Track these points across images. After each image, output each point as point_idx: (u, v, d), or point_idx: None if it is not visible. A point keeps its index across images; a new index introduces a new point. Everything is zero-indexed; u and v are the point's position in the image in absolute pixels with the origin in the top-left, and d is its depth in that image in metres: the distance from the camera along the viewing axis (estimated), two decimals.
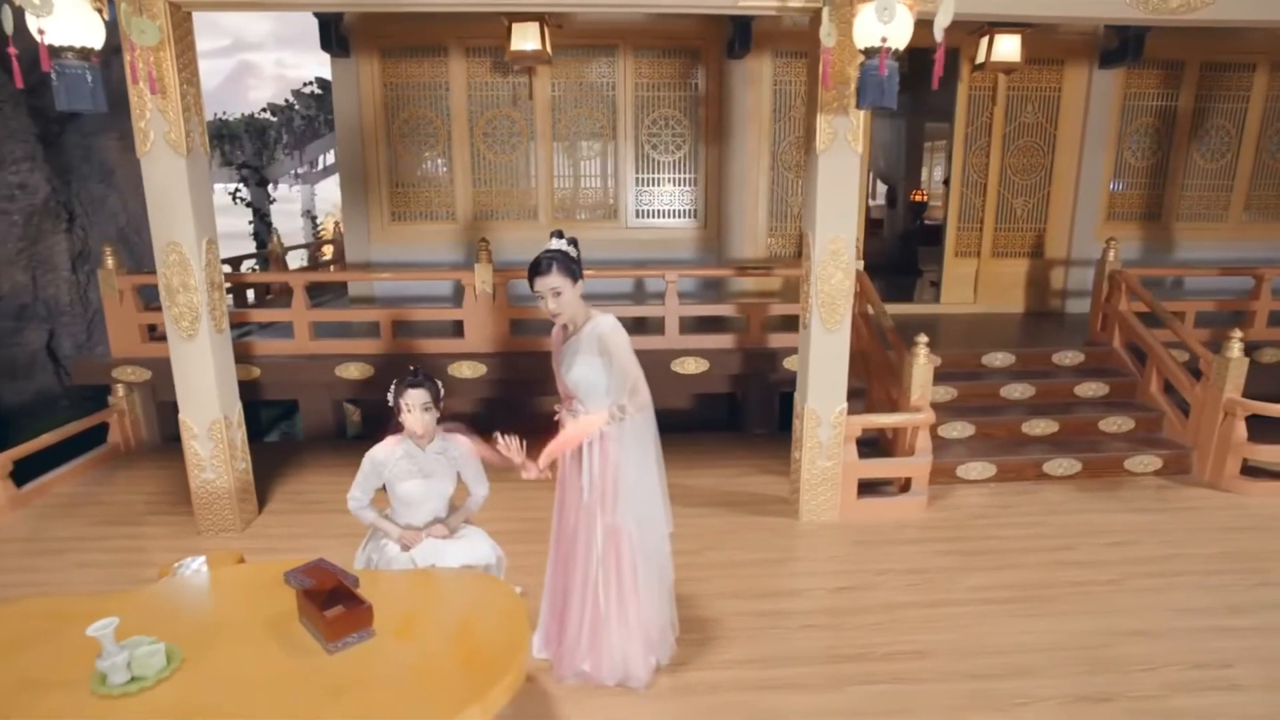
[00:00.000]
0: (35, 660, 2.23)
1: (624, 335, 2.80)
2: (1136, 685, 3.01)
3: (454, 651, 2.33)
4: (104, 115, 9.05)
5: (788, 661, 3.15)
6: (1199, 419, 5.23)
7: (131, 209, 9.11)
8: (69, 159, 8.49)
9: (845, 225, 4.08)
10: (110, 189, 9.13)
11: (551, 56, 6.04)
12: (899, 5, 3.16)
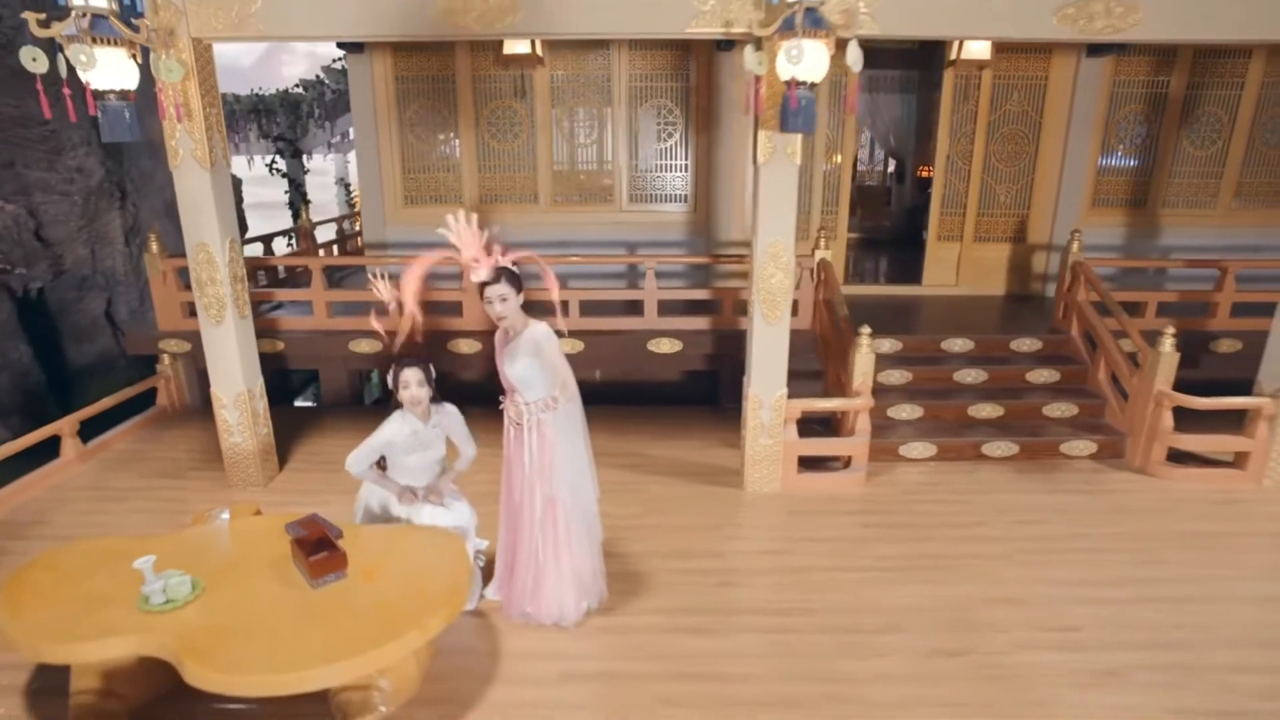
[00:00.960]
0: (96, 585, 2.97)
1: (555, 340, 3.40)
2: (987, 643, 3.57)
3: (406, 591, 3.01)
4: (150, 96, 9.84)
5: (697, 611, 3.79)
6: (1134, 407, 5.62)
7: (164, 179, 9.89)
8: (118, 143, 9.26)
9: (784, 230, 4.55)
10: (157, 164, 9.91)
11: (544, 58, 6.49)
12: (808, 46, 3.58)
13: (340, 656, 2.64)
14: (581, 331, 6.28)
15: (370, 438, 3.50)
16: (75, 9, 3.54)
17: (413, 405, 3.47)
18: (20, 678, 3.23)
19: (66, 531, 4.48)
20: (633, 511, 4.83)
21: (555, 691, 3.23)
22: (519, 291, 3.39)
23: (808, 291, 6.42)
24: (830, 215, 8.04)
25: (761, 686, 3.28)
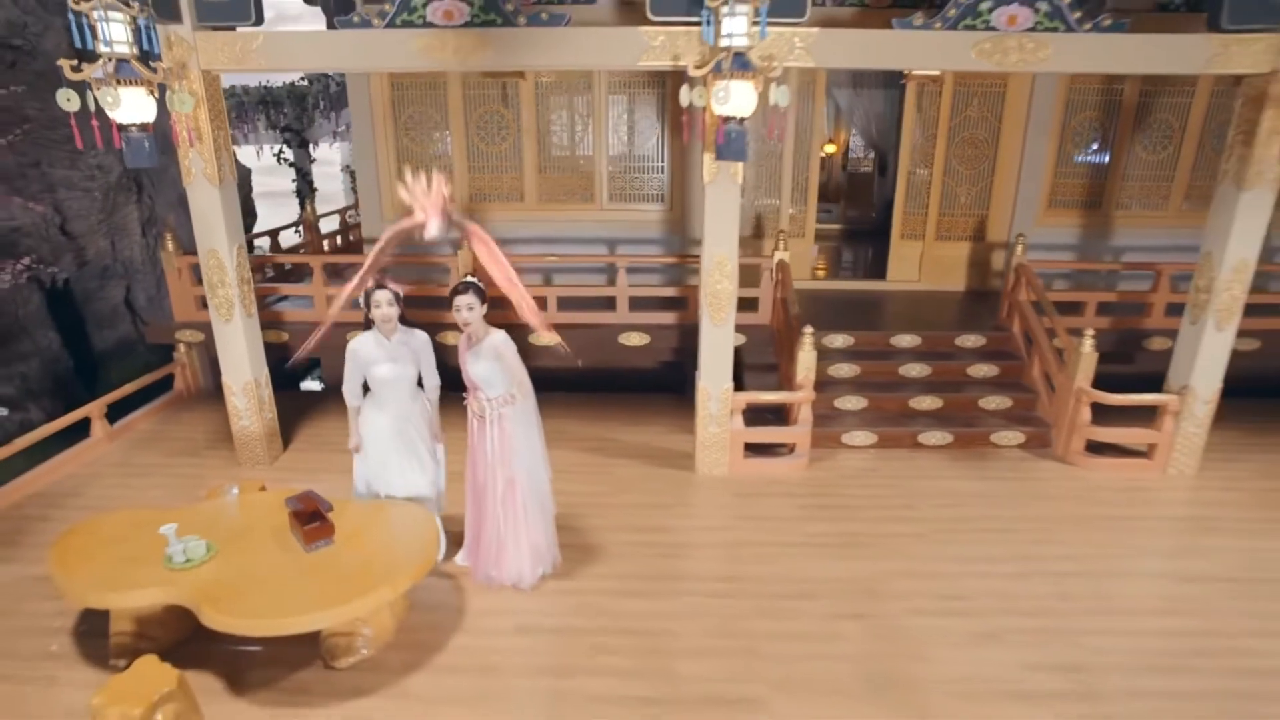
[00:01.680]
0: (128, 548, 3.60)
1: (513, 345, 3.99)
2: (885, 609, 4.16)
3: (382, 555, 3.63)
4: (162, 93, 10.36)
5: (640, 578, 4.39)
6: (1058, 402, 6.15)
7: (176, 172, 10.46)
8: None
9: (728, 243, 5.10)
10: (171, 159, 10.46)
11: (525, 71, 6.97)
12: (734, 87, 4.09)
13: (328, 606, 3.27)
14: (558, 325, 6.82)
15: (348, 359, 4.09)
16: (103, 55, 4.08)
17: (384, 323, 4.06)
18: (69, 622, 3.88)
19: (98, 503, 5.13)
20: (595, 490, 5.44)
21: (510, 641, 3.86)
22: (483, 302, 3.97)
23: (768, 290, 6.94)
24: (799, 213, 8.52)
25: (686, 641, 3.89)
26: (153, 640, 3.58)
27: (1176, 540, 4.99)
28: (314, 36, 4.94)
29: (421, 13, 4.75)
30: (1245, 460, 6.08)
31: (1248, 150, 5.06)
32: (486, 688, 3.54)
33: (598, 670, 3.66)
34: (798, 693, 3.52)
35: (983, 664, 3.74)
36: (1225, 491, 5.61)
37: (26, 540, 4.67)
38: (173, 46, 4.69)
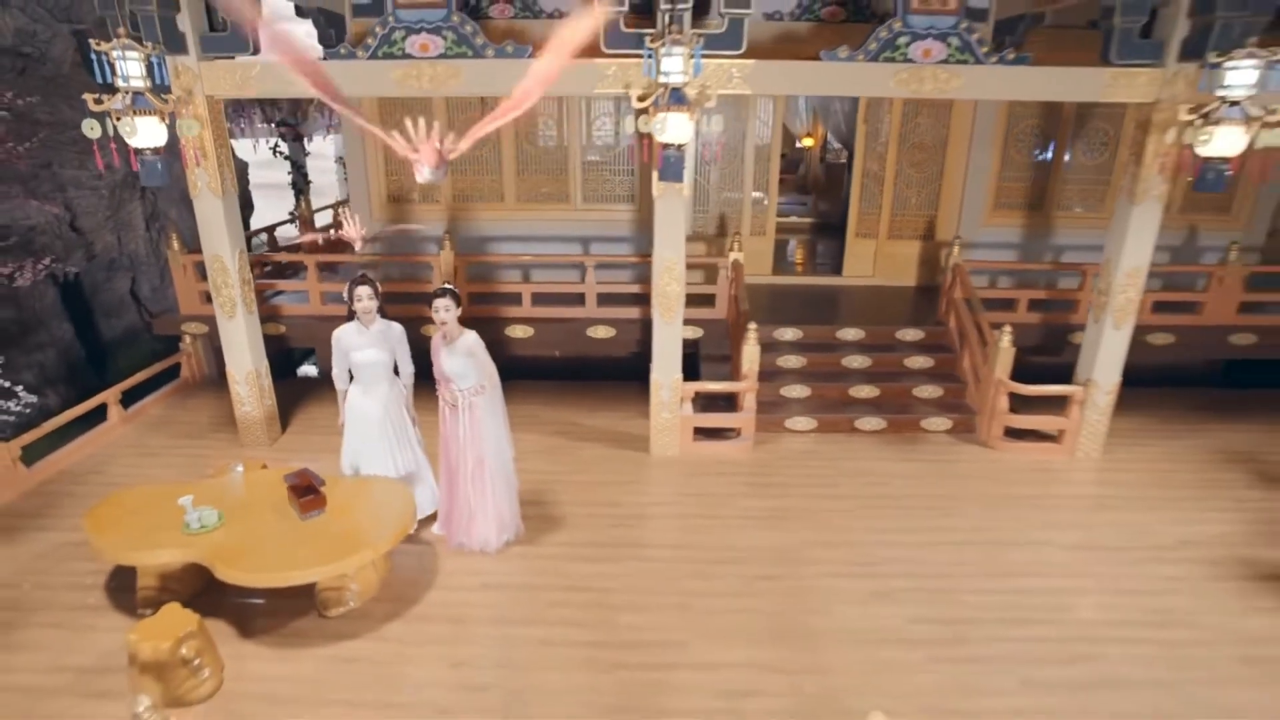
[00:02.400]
0: (149, 517, 4.26)
1: (483, 344, 4.62)
2: (800, 573, 4.84)
3: (366, 523, 4.30)
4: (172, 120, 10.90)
5: (591, 545, 5.08)
6: (981, 391, 6.81)
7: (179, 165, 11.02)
8: None
9: (676, 249, 5.72)
10: (173, 157, 11.01)
11: None
12: (671, 119, 4.71)
13: (320, 564, 3.95)
14: (532, 319, 7.50)
15: (334, 346, 4.75)
16: (121, 90, 4.68)
17: (364, 314, 4.70)
18: (101, 579, 4.56)
19: (118, 479, 5.79)
20: (560, 469, 6.11)
21: (476, 596, 4.54)
22: (459, 306, 4.60)
23: (724, 288, 7.57)
24: (761, 213, 9.12)
25: (626, 597, 4.58)
26: (173, 593, 4.25)
27: (1067, 515, 5.68)
28: None
29: (401, 45, 5.34)
30: (1148, 444, 6.76)
31: (1137, 169, 5.70)
32: (455, 633, 4.23)
33: (549, 621, 4.35)
34: (714, 639, 4.21)
35: (874, 618, 4.44)
36: (1123, 472, 6.30)
37: (59, 512, 5.34)
38: (180, 75, 5.27)
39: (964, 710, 3.78)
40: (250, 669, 3.91)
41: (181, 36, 5.20)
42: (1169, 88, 5.39)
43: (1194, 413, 7.41)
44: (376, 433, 4.82)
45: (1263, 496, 5.88)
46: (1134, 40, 5.38)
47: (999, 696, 3.87)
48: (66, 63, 9.25)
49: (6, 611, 4.34)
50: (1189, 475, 6.22)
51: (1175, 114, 5.20)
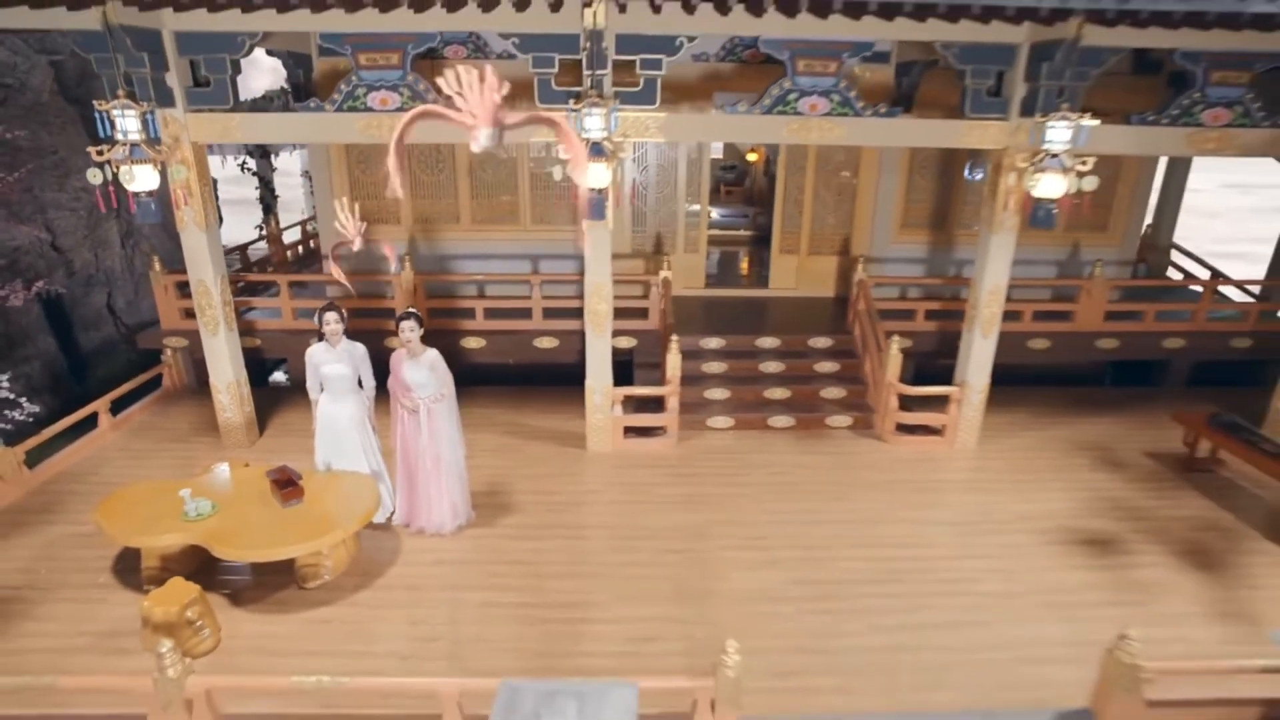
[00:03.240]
0: (152, 508, 5.07)
1: (443, 359, 5.49)
2: (703, 546, 5.81)
3: (337, 510, 5.15)
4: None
5: (528, 527, 5.99)
6: (877, 392, 7.87)
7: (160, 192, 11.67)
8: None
9: (602, 275, 6.65)
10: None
11: None
12: (591, 168, 5.63)
13: (299, 542, 4.80)
14: (484, 331, 8.38)
15: (307, 362, 5.60)
16: (120, 142, 5.46)
17: (332, 335, 5.53)
18: (108, 563, 5.35)
19: (112, 479, 6.53)
20: (508, 464, 7.01)
21: (430, 570, 5.43)
22: (421, 327, 5.47)
23: (656, 302, 8.52)
24: (694, 232, 10.10)
25: (556, 568, 5.50)
26: (173, 572, 5.04)
27: (937, 496, 6.73)
28: (280, 117, 6.35)
29: (363, 100, 6.19)
30: (1017, 436, 7.87)
31: (993, 203, 6.78)
32: (413, 599, 5.11)
33: (491, 587, 5.26)
34: (626, 600, 5.16)
35: (760, 581, 5.42)
36: (991, 460, 7.39)
37: (63, 507, 6.10)
38: (168, 124, 6.05)
39: (821, 648, 4.77)
40: (242, 629, 4.75)
41: (170, 92, 5.98)
42: (1014, 138, 6.47)
43: (1063, 408, 8.55)
44: (344, 435, 5.67)
45: (1098, 478, 7.01)
46: (984, 98, 6.45)
47: (850, 638, 4.88)
48: (45, 91, 9.88)
49: (28, 590, 5.11)
50: (1044, 462, 7.34)
51: (1015, 160, 6.31)
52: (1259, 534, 6.13)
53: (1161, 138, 6.70)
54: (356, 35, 5.96)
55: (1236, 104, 6.59)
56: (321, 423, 5.71)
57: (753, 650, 4.15)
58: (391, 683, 4.03)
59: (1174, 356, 9.39)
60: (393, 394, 5.61)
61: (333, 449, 5.73)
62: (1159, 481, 7.00)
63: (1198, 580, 5.53)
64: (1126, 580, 5.53)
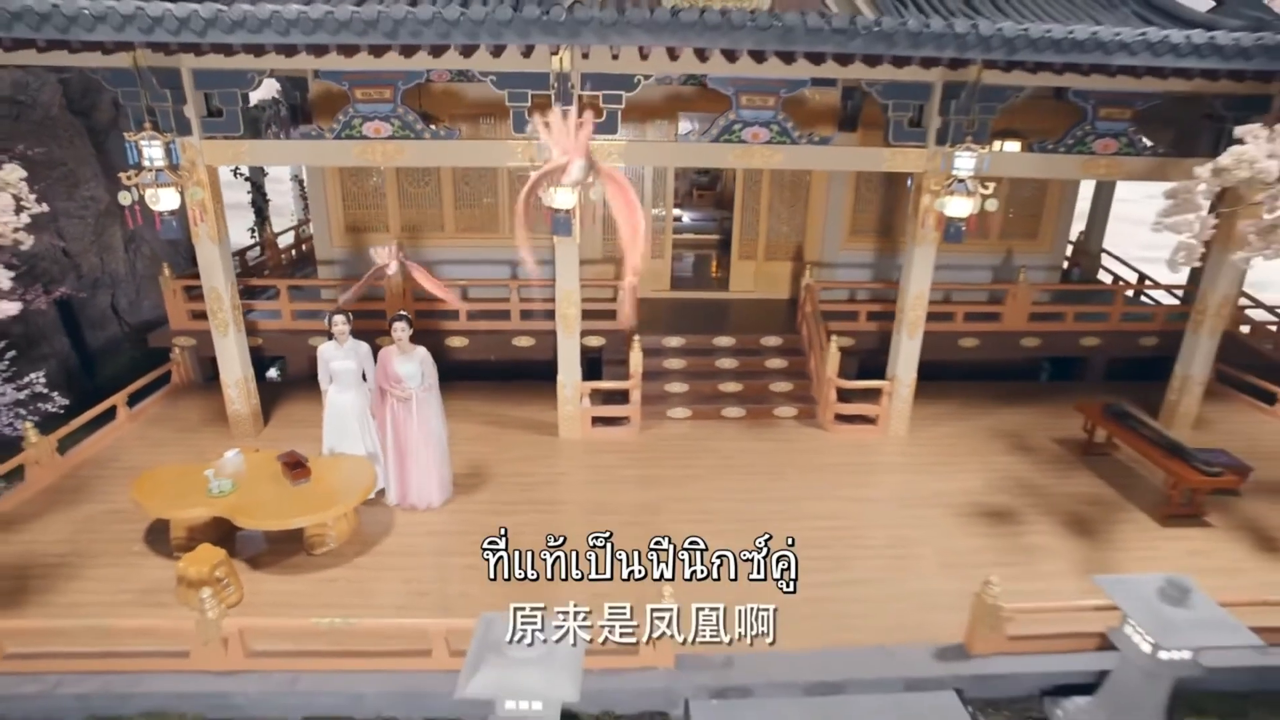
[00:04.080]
0: (180, 487, 5.92)
1: (430, 356, 6.36)
2: (657, 519, 6.72)
3: (338, 487, 6.02)
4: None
5: (505, 503, 6.88)
6: (818, 385, 8.81)
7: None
8: (113, 162, 11.76)
9: (571, 283, 7.53)
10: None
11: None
12: (558, 193, 6.50)
13: (307, 514, 5.66)
14: (467, 331, 9.23)
15: (319, 359, 6.45)
16: (145, 169, 6.25)
17: (339, 335, 6.39)
18: (139, 536, 6.17)
19: (133, 463, 7.32)
20: (488, 450, 7.88)
21: (421, 539, 6.31)
22: (411, 327, 6.33)
23: (623, 306, 9.41)
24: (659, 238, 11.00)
25: (528, 537, 6.33)
26: (199, 541, 5.88)
27: (865, 477, 7.70)
28: (284, 144, 7.16)
29: (359, 129, 7.02)
30: (944, 425, 8.85)
31: (915, 221, 7.73)
32: (406, 563, 5.99)
33: (472, 554, 6.05)
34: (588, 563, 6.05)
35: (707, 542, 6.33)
36: (917, 445, 8.37)
37: (94, 489, 6.90)
38: (185, 150, 6.84)
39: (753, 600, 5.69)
40: (261, 588, 5.61)
41: (187, 121, 6.77)
42: (931, 164, 7.41)
43: (989, 400, 9.55)
44: (348, 421, 6.52)
45: (1009, 461, 8.01)
46: (905, 128, 7.38)
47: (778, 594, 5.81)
48: (54, 106, 10.58)
49: (73, 557, 5.94)
50: (964, 447, 8.32)
51: (931, 183, 7.27)
52: (1134, 506, 7.15)
53: (1059, 163, 7.68)
54: (353, 73, 6.78)
55: (1122, 135, 7.59)
56: (330, 411, 6.56)
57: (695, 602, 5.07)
58: (390, 624, 4.92)
59: (1092, 354, 10.41)
60: (379, 387, 6.46)
61: (337, 434, 6.58)
62: (1059, 463, 8.01)
63: (1075, 544, 6.53)
64: (1016, 545, 6.52)
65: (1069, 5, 9.84)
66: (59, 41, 5.75)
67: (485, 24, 5.83)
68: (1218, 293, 8.31)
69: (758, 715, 4.80)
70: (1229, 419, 9.19)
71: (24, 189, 5.58)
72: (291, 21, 5.68)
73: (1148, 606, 4.45)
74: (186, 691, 4.71)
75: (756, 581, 5.78)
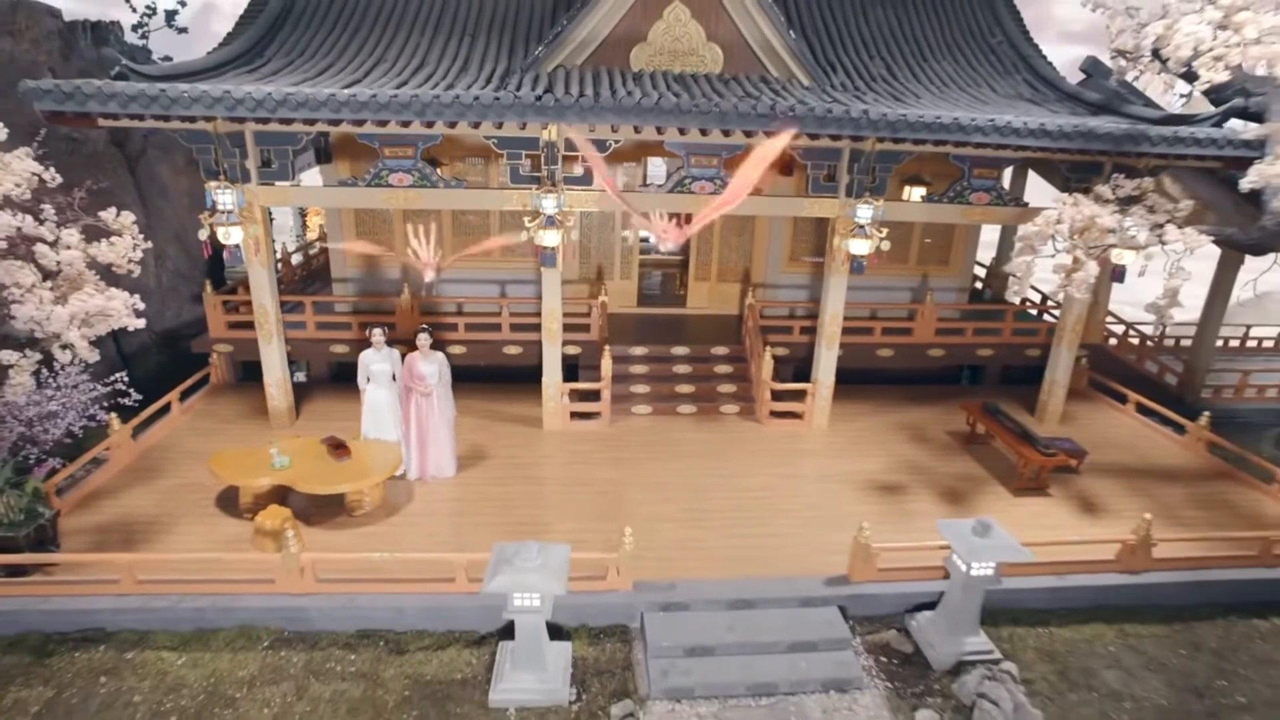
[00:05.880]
0: (247, 463, 7.61)
1: (446, 360, 8.12)
2: (620, 490, 8.52)
3: (371, 463, 7.77)
4: (162, 150, 13.79)
5: (502, 478, 8.64)
6: (756, 388, 10.70)
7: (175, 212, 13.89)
8: (142, 185, 13.28)
9: (554, 302, 9.32)
10: (166, 202, 13.90)
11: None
12: (545, 234, 8.30)
13: (349, 482, 7.38)
14: (464, 341, 10.97)
15: (359, 364, 8.15)
16: (221, 211, 7.91)
17: (376, 344, 8.11)
18: (211, 502, 7.81)
19: (193, 448, 8.93)
20: (485, 438, 9.63)
21: (437, 504, 8.04)
22: (431, 337, 8.07)
23: (595, 319, 11.22)
24: (627, 264, 12.84)
25: (519, 503, 8.15)
26: (262, 505, 7.53)
27: (791, 460, 9.58)
28: (325, 190, 8.84)
29: (386, 179, 8.74)
30: (859, 420, 10.79)
31: (830, 256, 9.67)
32: (426, 522, 7.71)
33: (478, 514, 7.89)
34: (566, 520, 7.84)
35: (658, 511, 8.15)
36: (835, 436, 10.29)
37: (165, 468, 8.51)
38: (244, 193, 8.50)
39: (692, 546, 7.52)
40: (315, 539, 7.28)
41: (248, 171, 8.44)
42: (842, 211, 9.35)
43: (900, 400, 11.53)
44: (383, 412, 8.24)
45: (907, 448, 9.96)
46: (821, 182, 9.33)
47: (711, 541, 7.64)
48: (101, 142, 12.11)
49: (163, 518, 7.56)
50: (872, 437, 10.26)
51: (841, 227, 9.22)
52: (997, 482, 9.13)
53: (944, 211, 9.70)
54: (382, 135, 8.52)
55: (992, 190, 9.62)
56: (368, 404, 8.26)
57: (648, 547, 6.91)
58: (426, 556, 6.64)
59: (988, 362, 12.47)
60: (404, 384, 8.20)
61: (373, 423, 8.29)
62: (946, 450, 9.99)
63: (945, 509, 8.47)
64: (899, 510, 8.44)
65: (971, 73, 12.03)
66: (160, 115, 7.42)
67: (492, 107, 7.65)
68: (1071, 314, 10.39)
69: (693, 623, 6.60)
70: (1091, 416, 11.29)
71: (135, 229, 7.19)
72: (343, 103, 7.43)
73: (963, 539, 6.38)
74: (272, 607, 6.39)
75: (694, 530, 7.66)
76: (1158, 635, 6.98)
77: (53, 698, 5.76)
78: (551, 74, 9.88)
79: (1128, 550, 7.31)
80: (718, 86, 9.77)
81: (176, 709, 5.69)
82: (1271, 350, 15.18)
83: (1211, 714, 6.11)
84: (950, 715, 6.00)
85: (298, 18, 10.96)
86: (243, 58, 9.76)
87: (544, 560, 5.67)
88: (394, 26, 11.01)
